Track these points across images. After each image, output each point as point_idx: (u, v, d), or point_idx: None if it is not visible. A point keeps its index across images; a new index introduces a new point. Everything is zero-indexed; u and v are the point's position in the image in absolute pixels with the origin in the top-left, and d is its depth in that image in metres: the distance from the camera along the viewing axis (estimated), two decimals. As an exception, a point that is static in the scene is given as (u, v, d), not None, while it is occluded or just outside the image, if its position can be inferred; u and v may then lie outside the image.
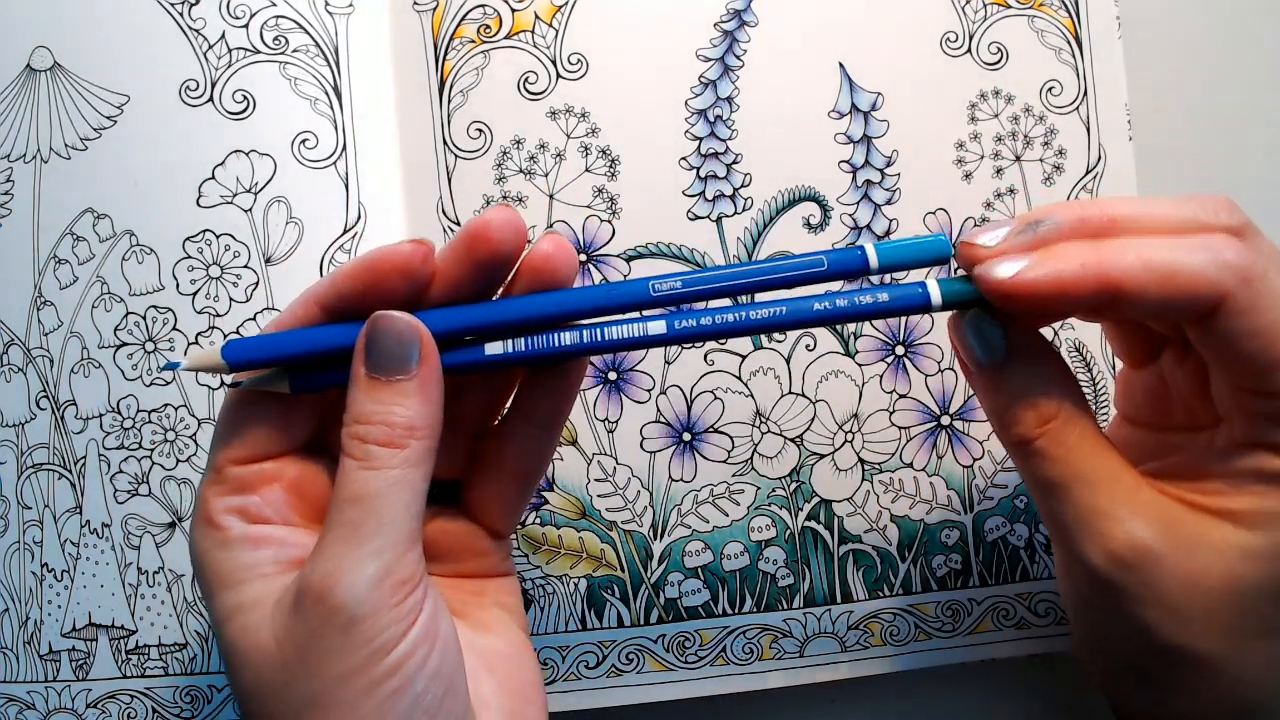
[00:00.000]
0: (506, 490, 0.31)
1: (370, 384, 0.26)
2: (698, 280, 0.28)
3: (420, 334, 0.26)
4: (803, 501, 0.39)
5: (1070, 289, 0.25)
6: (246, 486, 0.28)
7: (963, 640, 0.39)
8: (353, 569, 0.25)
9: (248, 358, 0.27)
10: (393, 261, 0.27)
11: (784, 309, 0.27)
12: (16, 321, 0.39)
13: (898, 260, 0.28)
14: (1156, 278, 0.25)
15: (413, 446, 0.26)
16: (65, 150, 0.39)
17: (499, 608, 0.31)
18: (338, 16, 0.39)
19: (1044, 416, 0.27)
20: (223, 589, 0.27)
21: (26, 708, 0.38)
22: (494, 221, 0.27)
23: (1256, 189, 0.42)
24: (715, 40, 0.39)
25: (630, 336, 0.27)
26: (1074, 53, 0.39)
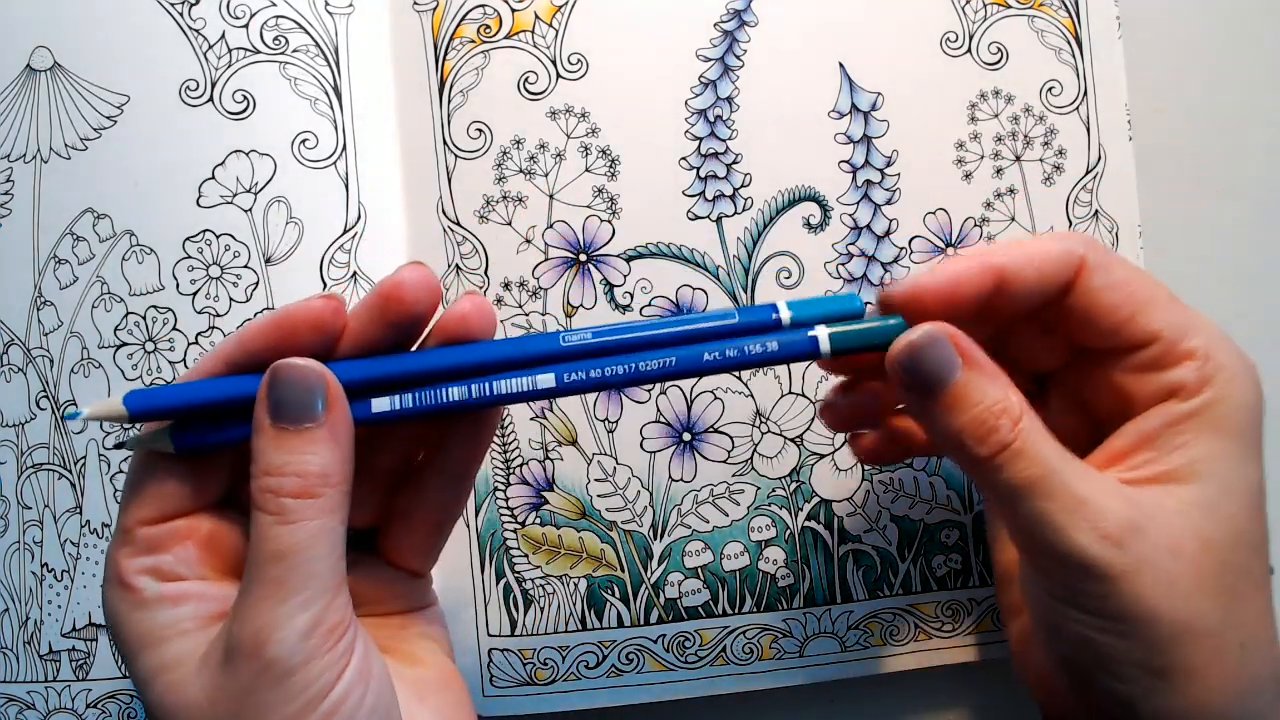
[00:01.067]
0: (422, 536, 0.31)
1: (278, 434, 0.26)
2: (608, 333, 0.28)
3: (326, 379, 0.26)
4: (803, 501, 0.39)
5: (964, 280, 0.28)
6: (157, 546, 0.27)
7: (962, 640, 0.39)
8: (283, 623, 0.25)
9: (150, 407, 0.26)
10: (304, 316, 0.26)
11: (674, 359, 0.28)
12: (16, 321, 0.39)
13: (809, 317, 0.28)
14: (1028, 257, 0.29)
15: (328, 495, 0.26)
16: (65, 150, 0.39)
17: (424, 638, 0.31)
18: (338, 16, 0.39)
19: (1014, 418, 0.27)
20: (143, 650, 0.26)
21: (26, 708, 0.38)
22: (407, 281, 0.26)
23: (1256, 189, 0.42)
24: (715, 40, 0.39)
25: (519, 390, 0.27)
26: (1074, 53, 0.39)
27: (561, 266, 0.39)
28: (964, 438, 0.27)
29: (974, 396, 0.27)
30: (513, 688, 0.38)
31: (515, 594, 0.38)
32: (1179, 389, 0.28)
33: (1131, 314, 0.29)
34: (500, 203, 0.38)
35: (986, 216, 0.39)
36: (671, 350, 0.28)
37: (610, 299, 0.38)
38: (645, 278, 0.38)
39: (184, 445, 0.27)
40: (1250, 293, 0.41)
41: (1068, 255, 0.29)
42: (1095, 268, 0.29)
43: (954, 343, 0.28)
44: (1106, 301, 0.29)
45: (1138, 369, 0.29)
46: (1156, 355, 0.29)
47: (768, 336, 0.28)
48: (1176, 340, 0.28)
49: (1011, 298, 0.29)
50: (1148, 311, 0.28)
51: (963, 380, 0.27)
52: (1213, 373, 0.28)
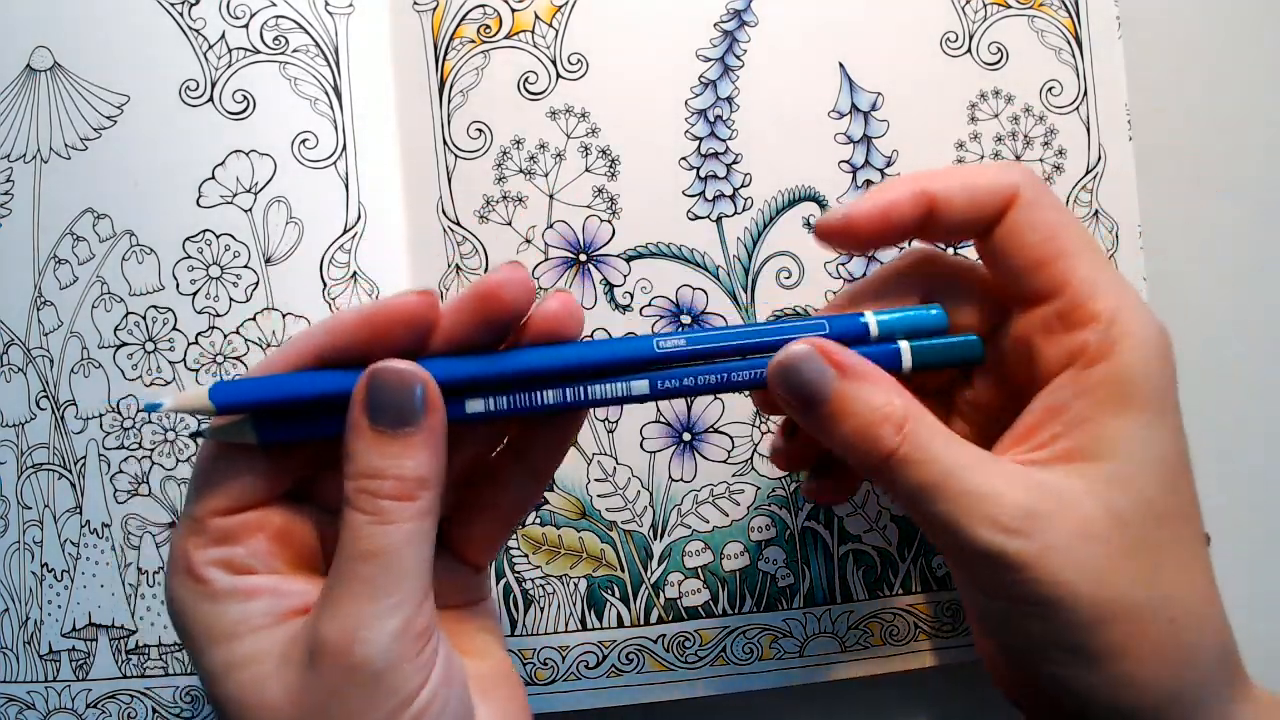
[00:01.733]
0: (491, 530, 0.30)
1: (376, 437, 0.25)
2: (702, 339, 0.28)
3: (426, 383, 0.26)
4: (803, 501, 0.39)
5: (895, 205, 0.29)
6: (229, 537, 0.27)
7: (962, 640, 0.39)
8: (372, 624, 0.24)
9: (236, 400, 0.26)
10: (399, 313, 0.26)
11: (763, 371, 0.28)
12: (16, 321, 0.39)
13: (895, 329, 0.29)
14: (960, 184, 0.29)
15: (424, 498, 0.25)
16: (65, 150, 0.39)
17: (482, 631, 0.31)
18: (338, 16, 0.39)
19: (898, 423, 0.27)
20: (214, 644, 0.26)
21: (26, 708, 0.38)
22: (507, 282, 0.26)
23: (1256, 189, 0.42)
24: (715, 40, 0.39)
25: (614, 395, 0.28)
26: (1074, 53, 0.39)
27: (561, 266, 0.39)
28: (850, 445, 0.27)
29: (853, 405, 0.27)
30: (513, 688, 0.38)
31: (515, 594, 0.38)
32: (1081, 352, 0.27)
33: (1046, 258, 0.28)
34: (500, 203, 0.39)
35: (986, 216, 0.39)
36: (762, 360, 0.28)
37: (610, 299, 0.38)
38: (645, 278, 0.39)
39: (268, 438, 0.26)
40: (1250, 293, 0.41)
41: (1001, 185, 0.28)
42: (1026, 204, 0.28)
43: (824, 354, 0.27)
44: (1026, 240, 0.28)
45: (1046, 326, 0.28)
46: (1062, 311, 0.28)
47: (853, 350, 0.28)
48: (1083, 298, 0.28)
49: (943, 223, 0.29)
50: (1062, 260, 0.28)
51: (839, 390, 0.27)
52: (1117, 338, 0.27)
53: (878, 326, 0.29)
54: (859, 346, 0.28)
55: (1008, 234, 0.28)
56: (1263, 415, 0.41)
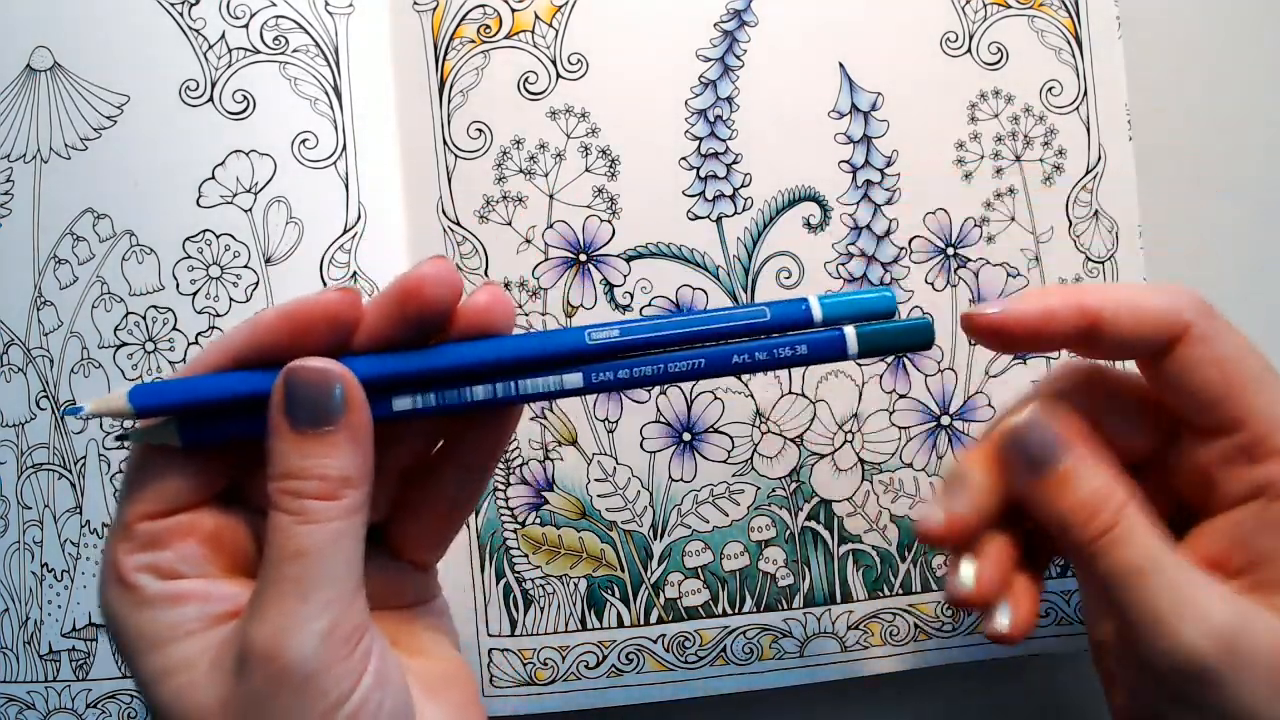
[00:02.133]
0: (433, 529, 0.30)
1: (296, 437, 0.25)
2: (636, 330, 0.27)
3: (345, 380, 0.25)
4: (803, 501, 0.39)
5: (1057, 315, 0.28)
6: (158, 542, 0.26)
7: (963, 640, 0.39)
8: (301, 626, 0.24)
9: (156, 403, 0.25)
10: (318, 309, 0.25)
11: (702, 360, 0.27)
12: (16, 321, 0.39)
13: (842, 314, 0.28)
14: (1128, 308, 0.27)
15: (350, 496, 0.25)
16: (65, 150, 0.39)
17: (430, 630, 0.30)
18: (338, 16, 0.39)
19: (1119, 503, 0.27)
20: (145, 651, 0.25)
21: (26, 708, 0.38)
22: (428, 277, 0.25)
23: (1256, 189, 0.42)
24: (715, 40, 0.39)
25: (545, 389, 0.27)
26: (1074, 53, 0.39)
27: (561, 266, 0.39)
28: (1066, 520, 0.27)
29: (1079, 480, 0.27)
30: (513, 688, 0.38)
31: (515, 594, 0.38)
32: (1269, 486, 0.27)
33: (1224, 394, 0.27)
34: (500, 203, 0.39)
35: (986, 216, 0.39)
36: (701, 352, 0.27)
37: (610, 299, 0.38)
38: (645, 278, 0.39)
39: (191, 440, 0.26)
40: (1250, 293, 0.41)
41: (1173, 317, 0.27)
42: (1199, 338, 0.27)
43: (1059, 428, 0.28)
44: (1201, 377, 0.27)
45: (1227, 458, 0.28)
46: (1245, 445, 0.27)
47: (797, 338, 0.27)
48: (1267, 433, 0.27)
49: (1103, 344, 0.28)
50: (1242, 394, 0.27)
51: (1069, 465, 0.27)
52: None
53: (821, 310, 0.27)
54: (803, 336, 0.27)
55: (1181, 369, 0.27)
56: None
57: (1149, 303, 0.27)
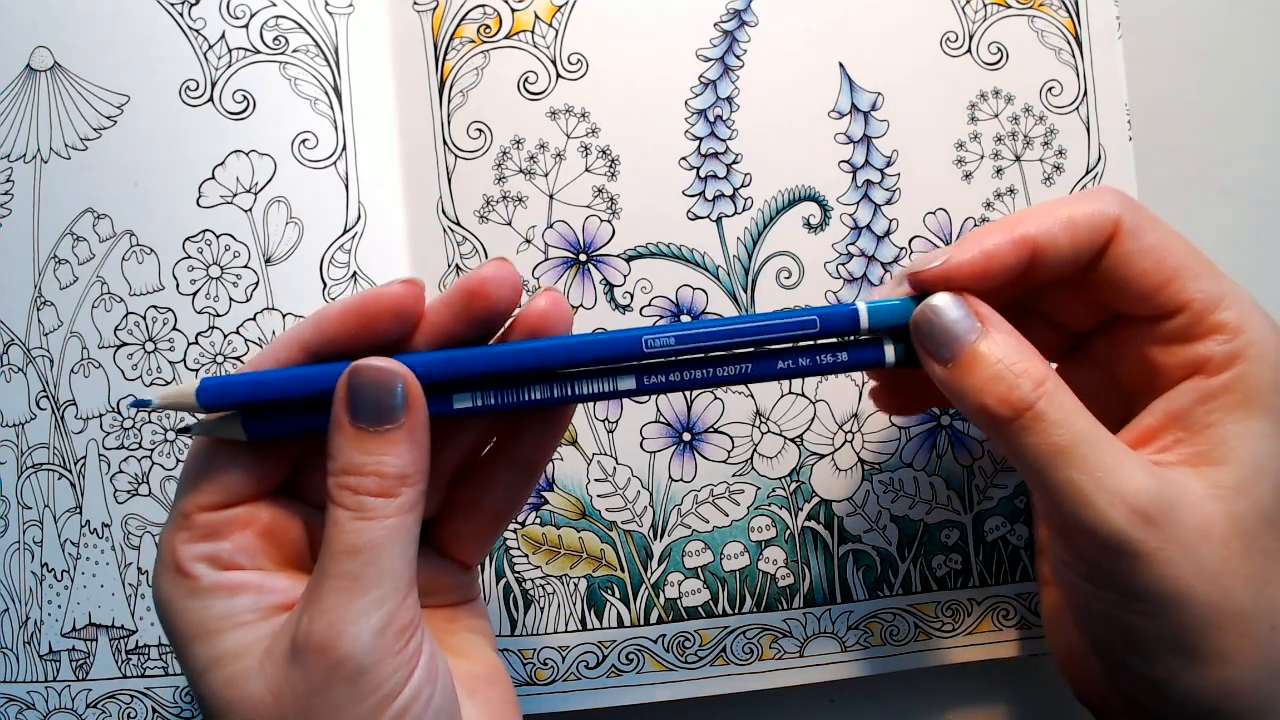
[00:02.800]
0: (480, 528, 0.30)
1: (357, 434, 0.25)
2: (690, 338, 0.28)
3: (406, 380, 0.26)
4: (803, 501, 0.39)
5: (996, 255, 0.28)
6: (216, 533, 0.27)
7: (963, 640, 0.39)
8: (356, 620, 0.24)
9: (223, 399, 0.26)
10: (385, 303, 0.26)
11: (749, 367, 0.28)
12: (16, 321, 0.39)
13: (886, 323, 0.28)
14: (1060, 224, 0.28)
15: (406, 494, 0.26)
16: (65, 150, 0.39)
17: (471, 632, 0.31)
18: (338, 16, 0.39)
19: (1037, 379, 0.27)
20: (198, 640, 0.26)
21: (26, 708, 0.38)
22: (492, 279, 0.26)
23: (1256, 189, 0.42)
24: (715, 40, 0.39)
25: (600, 391, 0.28)
26: (1074, 53, 0.39)
27: (561, 266, 0.39)
28: (984, 398, 0.27)
29: (993, 355, 0.27)
30: (513, 688, 0.38)
31: (515, 594, 0.38)
32: (1206, 363, 0.28)
33: (1162, 281, 0.28)
34: (500, 203, 0.39)
35: (986, 216, 0.39)
36: (748, 361, 0.28)
37: (610, 299, 0.38)
38: (645, 278, 0.39)
39: (256, 434, 0.27)
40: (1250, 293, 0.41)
41: (1101, 219, 0.28)
42: (1129, 231, 0.28)
43: (970, 305, 0.28)
44: (1137, 268, 0.28)
45: (1166, 339, 0.28)
46: (1185, 326, 0.28)
47: (838, 350, 0.28)
48: (1206, 311, 0.28)
49: (1044, 268, 0.28)
50: (1179, 279, 0.28)
51: (981, 340, 0.27)
52: (1242, 347, 0.27)
53: (869, 318, 0.28)
54: (845, 348, 0.29)
55: (1119, 264, 0.28)
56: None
57: (1078, 212, 0.28)
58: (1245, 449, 0.27)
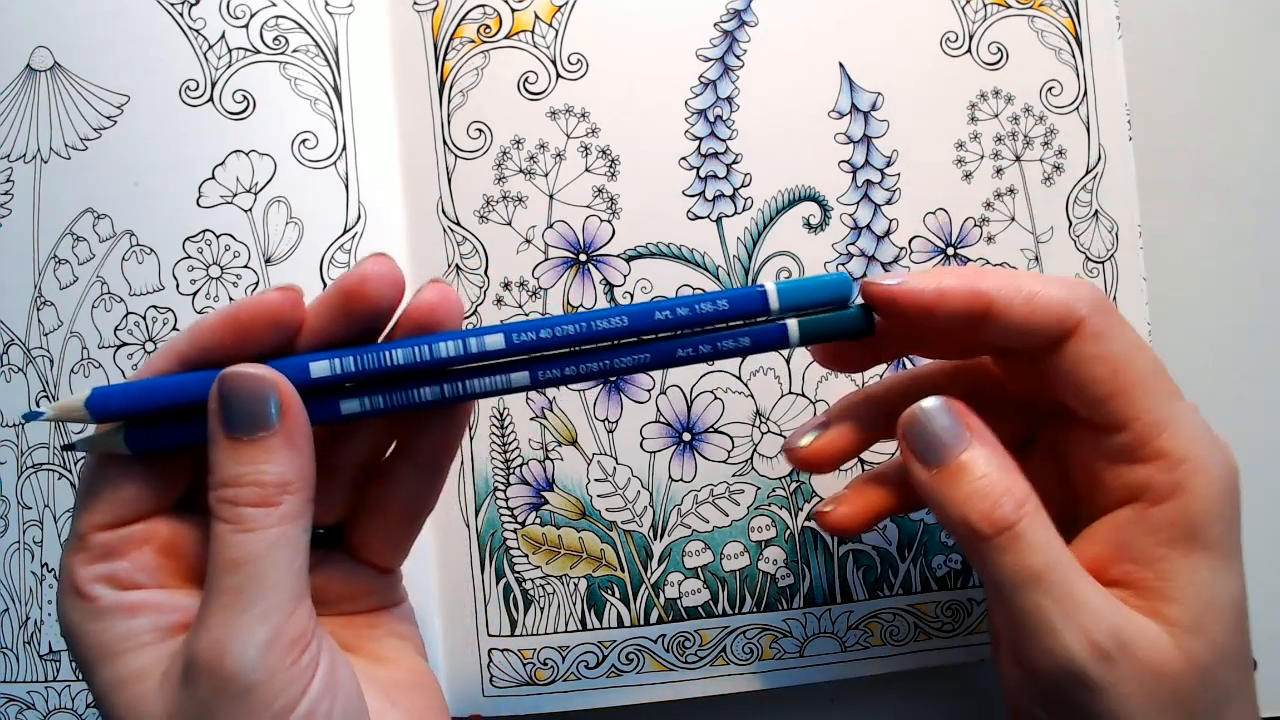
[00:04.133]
0: (393, 531, 0.30)
1: (232, 445, 0.25)
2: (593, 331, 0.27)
3: (278, 386, 0.25)
4: (803, 501, 0.39)
5: (949, 295, 0.27)
6: (113, 552, 0.26)
7: (963, 640, 0.39)
8: (241, 636, 0.24)
9: (115, 408, 0.25)
10: (259, 310, 0.25)
11: (648, 355, 0.27)
12: (16, 321, 0.39)
13: (798, 302, 0.28)
14: (1022, 297, 0.27)
15: (288, 502, 0.25)
16: (65, 150, 0.39)
17: (394, 637, 0.30)
18: (338, 16, 0.39)
19: (1019, 499, 0.27)
20: (101, 662, 0.25)
21: (26, 708, 0.38)
22: (370, 275, 0.25)
23: (1256, 189, 0.42)
24: (715, 40, 0.39)
25: (493, 388, 0.27)
26: (1074, 53, 0.39)
27: (561, 266, 0.39)
28: (967, 511, 0.27)
29: (979, 469, 0.27)
30: (513, 688, 0.38)
31: (515, 594, 0.38)
32: (1147, 489, 0.27)
33: (1112, 393, 0.27)
34: (500, 203, 0.39)
35: (986, 216, 0.39)
36: (646, 348, 0.27)
37: (610, 299, 0.38)
38: (645, 278, 0.39)
39: (138, 446, 0.26)
40: (1250, 293, 0.41)
41: (1065, 311, 0.27)
42: (1091, 335, 0.27)
43: (961, 416, 0.27)
44: (1090, 373, 0.27)
45: (1110, 456, 0.28)
46: (1129, 445, 0.27)
47: (740, 331, 0.28)
48: (1150, 435, 0.27)
49: (994, 331, 0.28)
50: (1128, 395, 0.27)
51: (970, 452, 0.27)
52: (1185, 478, 0.27)
53: (778, 299, 0.28)
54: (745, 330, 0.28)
55: (1072, 364, 0.27)
56: (1263, 415, 0.41)
57: (1044, 294, 0.27)
58: (1194, 586, 0.27)
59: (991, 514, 0.27)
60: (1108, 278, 0.39)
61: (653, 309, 0.27)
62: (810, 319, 0.28)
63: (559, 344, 0.27)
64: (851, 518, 0.32)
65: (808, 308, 0.28)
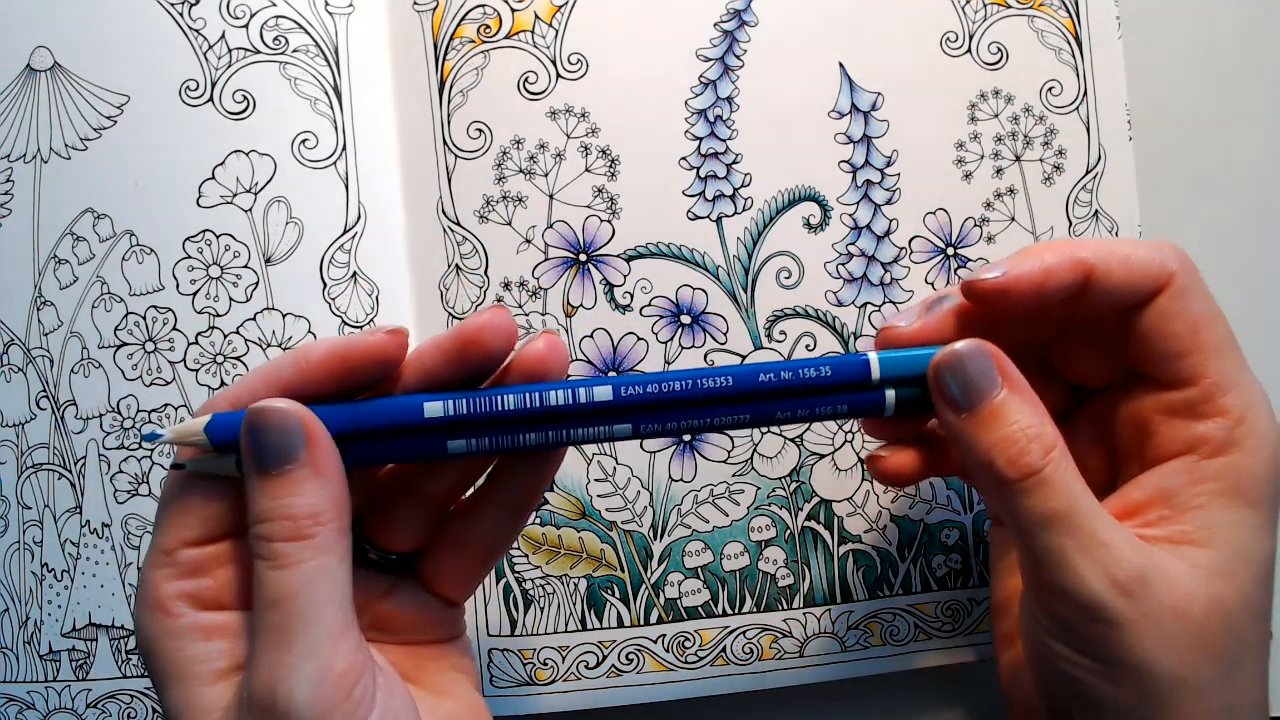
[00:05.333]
0: (467, 566, 0.30)
1: (262, 480, 0.25)
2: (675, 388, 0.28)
3: (301, 418, 0.25)
4: (803, 501, 0.39)
5: (1054, 272, 0.28)
6: (199, 569, 0.26)
7: (963, 640, 0.39)
8: (288, 675, 0.24)
9: (233, 436, 0.26)
10: (369, 350, 0.26)
11: (748, 415, 0.28)
12: (16, 321, 0.39)
13: (899, 372, 0.28)
14: (1118, 259, 0.28)
15: (321, 534, 0.25)
16: (65, 150, 0.39)
17: (455, 670, 0.30)
18: (337, 16, 0.39)
19: (1047, 446, 0.27)
20: (174, 681, 0.25)
21: (26, 708, 0.38)
22: (487, 327, 0.26)
23: (1256, 189, 0.42)
24: (715, 40, 0.39)
25: (596, 435, 0.28)
26: (1074, 53, 0.39)
27: (561, 266, 0.39)
28: (994, 456, 0.27)
29: (1010, 415, 0.27)
30: (513, 688, 0.38)
31: (515, 594, 0.38)
32: (1203, 443, 0.28)
33: (1188, 349, 0.28)
34: (500, 203, 0.39)
35: (986, 216, 0.39)
36: (747, 407, 0.28)
37: (610, 299, 0.38)
38: (645, 278, 0.39)
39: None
40: (1250, 293, 0.41)
41: (1159, 268, 0.28)
42: (1178, 291, 0.28)
43: (997, 361, 0.28)
44: (1172, 328, 0.28)
45: (1171, 411, 0.29)
46: (1192, 401, 0.28)
47: (839, 399, 0.28)
48: (1216, 392, 0.28)
49: (1096, 297, 0.28)
50: (1203, 353, 0.28)
51: (1002, 398, 0.27)
52: (1242, 437, 0.28)
53: (880, 369, 0.28)
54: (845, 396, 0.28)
55: (1157, 318, 0.28)
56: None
57: (1138, 254, 0.28)
58: (1230, 535, 0.27)
59: (1018, 460, 0.27)
60: (1108, 278, 0.39)
61: (757, 371, 0.28)
62: (908, 393, 0.29)
63: (663, 400, 0.28)
64: (902, 466, 0.32)
65: (907, 379, 0.29)
